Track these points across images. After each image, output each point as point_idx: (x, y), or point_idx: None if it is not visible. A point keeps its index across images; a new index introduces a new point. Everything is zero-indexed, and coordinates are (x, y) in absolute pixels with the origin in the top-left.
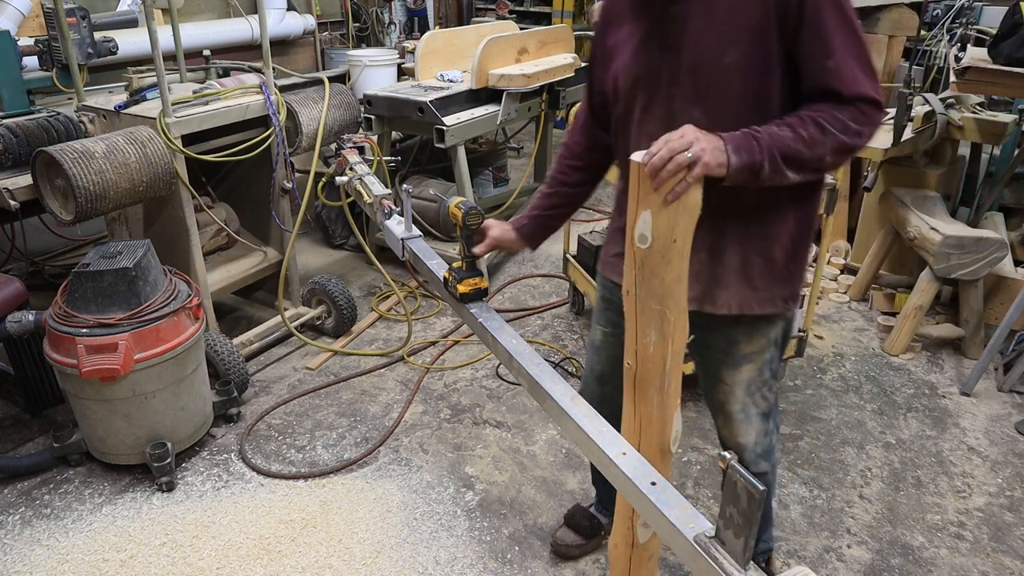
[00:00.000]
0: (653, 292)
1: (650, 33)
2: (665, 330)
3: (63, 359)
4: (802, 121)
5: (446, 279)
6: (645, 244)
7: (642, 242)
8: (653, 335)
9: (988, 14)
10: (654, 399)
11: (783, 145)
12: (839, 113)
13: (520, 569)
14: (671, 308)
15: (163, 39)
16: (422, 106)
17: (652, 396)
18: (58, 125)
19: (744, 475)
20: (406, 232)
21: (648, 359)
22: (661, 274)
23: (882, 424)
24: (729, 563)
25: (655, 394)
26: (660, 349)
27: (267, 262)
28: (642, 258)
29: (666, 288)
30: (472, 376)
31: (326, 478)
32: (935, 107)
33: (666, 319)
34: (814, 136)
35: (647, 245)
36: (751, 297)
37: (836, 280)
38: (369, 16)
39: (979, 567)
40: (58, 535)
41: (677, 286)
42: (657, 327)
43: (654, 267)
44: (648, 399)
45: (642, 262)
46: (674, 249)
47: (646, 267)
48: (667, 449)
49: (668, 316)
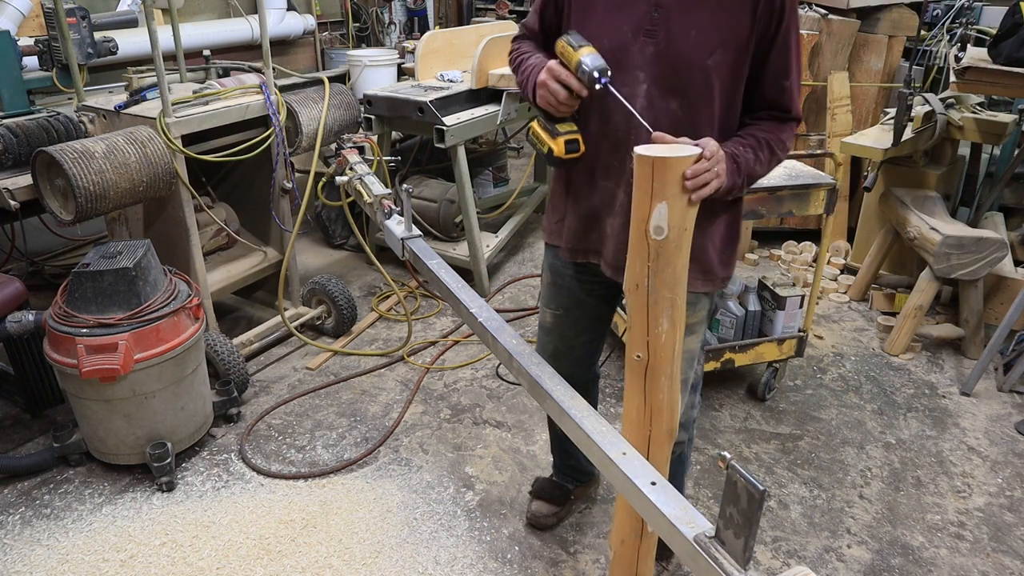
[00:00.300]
0: (666, 281)
1: (627, 10)
2: (675, 317)
3: (63, 359)
4: (759, 144)
5: (537, 136)
6: (661, 235)
7: (658, 233)
8: (665, 323)
9: (988, 14)
10: (664, 386)
11: (751, 169)
12: (781, 133)
13: (520, 569)
14: (680, 295)
15: (163, 39)
16: (422, 106)
17: (663, 384)
18: (58, 125)
19: (744, 475)
20: (406, 232)
21: (660, 348)
22: (674, 263)
23: (882, 424)
24: (729, 563)
25: (665, 381)
26: (671, 337)
27: (267, 262)
28: (657, 249)
29: (677, 276)
30: (472, 376)
31: (326, 478)
32: (935, 107)
33: (676, 306)
34: (768, 160)
35: (663, 236)
36: (699, 277)
37: (836, 280)
38: (369, 16)
39: (979, 567)
40: (58, 535)
41: (684, 273)
42: (669, 315)
43: (669, 256)
44: (659, 387)
45: (657, 253)
46: (685, 237)
47: (661, 257)
48: (674, 432)
49: (677, 302)
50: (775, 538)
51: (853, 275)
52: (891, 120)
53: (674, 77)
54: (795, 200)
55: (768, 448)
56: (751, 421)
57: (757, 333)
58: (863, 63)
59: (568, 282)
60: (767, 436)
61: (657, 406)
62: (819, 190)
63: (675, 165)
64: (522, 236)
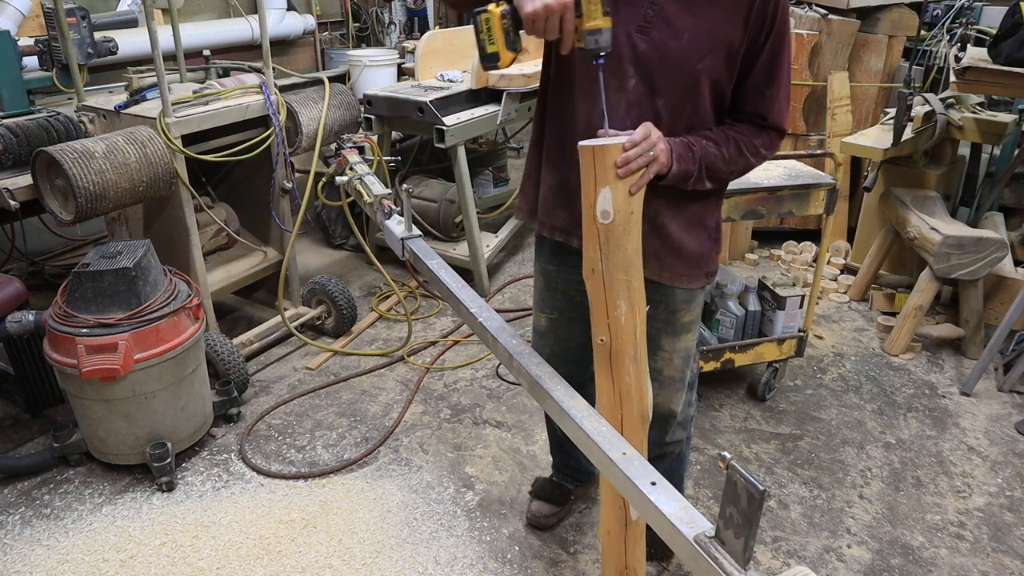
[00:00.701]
0: (618, 264)
1: (624, 4)
2: (632, 299)
3: (63, 359)
4: (726, 140)
5: (489, 29)
6: (608, 219)
7: (605, 218)
8: (623, 305)
9: (988, 14)
10: (630, 369)
11: (710, 160)
12: (755, 138)
13: (520, 569)
14: (635, 277)
15: (163, 39)
16: (422, 106)
17: (628, 367)
18: (58, 125)
19: (744, 475)
20: (406, 232)
21: (621, 330)
22: (624, 245)
23: (882, 424)
24: (729, 563)
25: (631, 364)
26: (631, 318)
27: (267, 262)
28: (606, 233)
29: (629, 259)
30: (472, 376)
31: (326, 478)
32: (935, 107)
33: (632, 288)
34: (732, 156)
35: (610, 220)
36: (685, 272)
37: (836, 280)
38: (369, 16)
39: (979, 567)
40: (58, 535)
41: (637, 256)
42: (625, 297)
43: (618, 239)
44: (624, 370)
45: (606, 237)
46: (632, 220)
47: (611, 241)
48: (646, 416)
49: (633, 284)
50: (775, 538)
51: (853, 275)
52: (891, 120)
53: (662, 77)
54: (795, 200)
55: (768, 448)
56: (751, 421)
57: (757, 333)
58: (863, 63)
59: (562, 285)
60: (767, 436)
61: (626, 389)
62: (819, 190)
63: (610, 152)
64: (522, 236)
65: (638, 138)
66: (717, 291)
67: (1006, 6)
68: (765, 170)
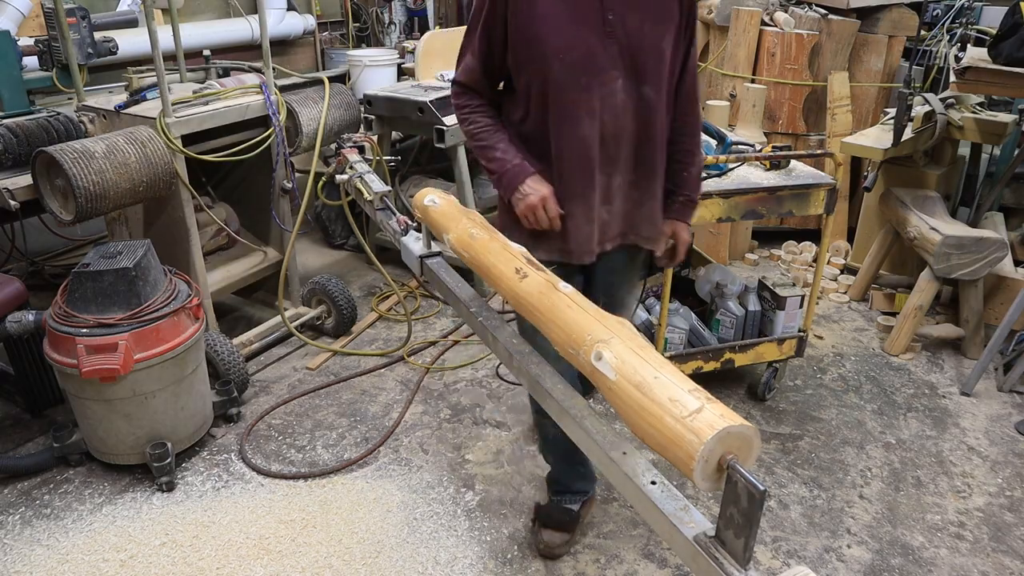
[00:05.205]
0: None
1: (584, 20)
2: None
3: (63, 359)
4: (695, 158)
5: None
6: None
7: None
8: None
9: (988, 14)
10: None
11: (698, 179)
12: (696, 123)
13: (520, 569)
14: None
15: (163, 39)
16: (422, 106)
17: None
18: (58, 125)
19: (744, 475)
20: (424, 249)
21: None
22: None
23: (882, 424)
24: (729, 563)
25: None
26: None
27: (267, 262)
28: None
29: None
30: (472, 376)
31: (326, 478)
32: (935, 107)
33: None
34: (699, 164)
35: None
36: (651, 234)
37: (836, 280)
38: (369, 16)
39: (979, 567)
40: (58, 535)
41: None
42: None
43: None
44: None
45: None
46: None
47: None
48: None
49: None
50: (775, 538)
51: (853, 275)
52: (891, 120)
53: (642, 66)
54: (795, 200)
55: (768, 448)
56: (751, 421)
57: (757, 333)
58: (863, 63)
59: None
60: (767, 436)
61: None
62: (819, 190)
63: None
64: None
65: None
66: (717, 291)
67: (1006, 6)
68: (765, 170)
